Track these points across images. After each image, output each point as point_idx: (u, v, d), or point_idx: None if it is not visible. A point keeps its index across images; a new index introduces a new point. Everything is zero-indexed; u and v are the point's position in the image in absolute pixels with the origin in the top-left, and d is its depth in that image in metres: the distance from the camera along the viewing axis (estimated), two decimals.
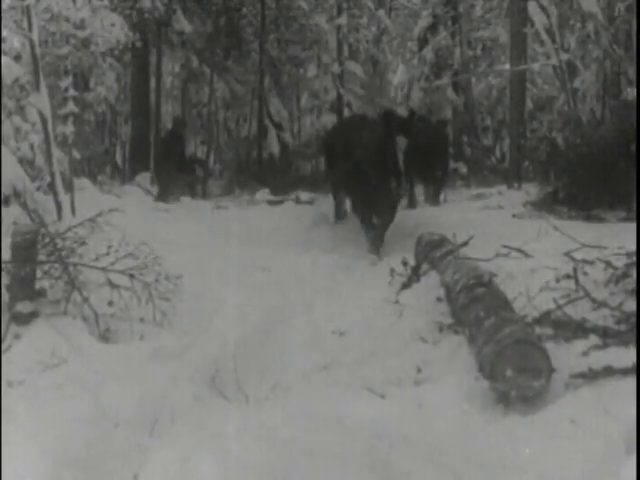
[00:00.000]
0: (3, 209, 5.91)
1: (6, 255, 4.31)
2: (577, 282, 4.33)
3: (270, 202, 11.93)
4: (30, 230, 4.40)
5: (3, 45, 8.48)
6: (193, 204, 12.98)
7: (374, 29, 18.81)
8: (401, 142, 6.96)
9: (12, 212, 6.10)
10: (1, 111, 7.05)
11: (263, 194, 13.16)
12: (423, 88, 17.95)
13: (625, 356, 3.40)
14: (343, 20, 16.94)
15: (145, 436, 3.08)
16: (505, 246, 5.28)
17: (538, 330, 3.80)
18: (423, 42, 18.55)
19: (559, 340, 3.76)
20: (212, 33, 16.97)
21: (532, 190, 10.20)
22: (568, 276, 4.46)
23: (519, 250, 5.24)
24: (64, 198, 7.33)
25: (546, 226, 5.51)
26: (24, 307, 4.16)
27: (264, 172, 15.87)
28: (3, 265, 4.29)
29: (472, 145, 18.17)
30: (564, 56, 13.20)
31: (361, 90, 17.20)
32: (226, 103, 18.64)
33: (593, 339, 3.72)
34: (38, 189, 7.22)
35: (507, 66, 15.15)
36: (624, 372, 3.25)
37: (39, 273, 4.43)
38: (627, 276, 4.37)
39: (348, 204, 8.33)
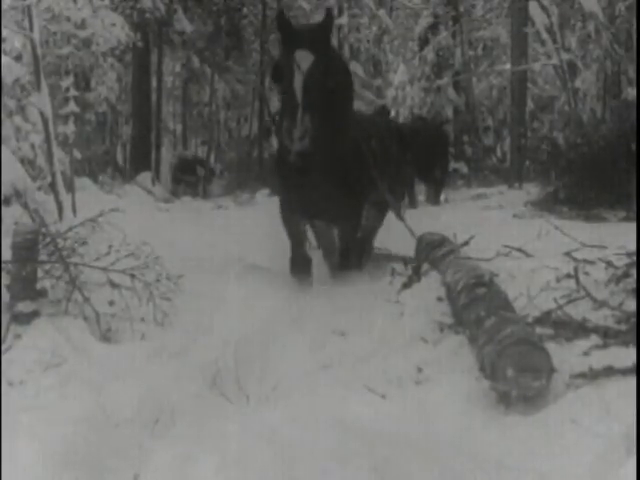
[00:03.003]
0: (4, 209, 5.93)
1: (7, 255, 4.31)
2: (578, 282, 4.33)
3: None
4: (31, 230, 4.41)
5: (4, 45, 8.51)
6: (194, 204, 12.99)
7: (375, 29, 18.84)
8: (303, 59, 4.54)
9: (13, 212, 6.11)
10: (2, 111, 7.06)
11: (263, 194, 13.19)
12: (424, 88, 17.97)
13: (626, 356, 3.40)
14: (344, 20, 16.98)
15: (146, 436, 3.09)
16: (506, 246, 5.29)
17: (539, 330, 3.80)
18: (424, 42, 18.60)
19: (560, 340, 3.76)
20: (213, 33, 17.03)
21: (533, 190, 10.23)
22: (569, 276, 4.46)
23: (520, 250, 5.24)
24: (65, 198, 7.36)
25: (547, 226, 5.51)
26: (25, 307, 4.16)
27: (265, 172, 15.90)
28: (4, 265, 4.29)
29: (473, 145, 18.21)
30: (565, 56, 13.23)
31: (362, 90, 17.21)
32: (227, 103, 18.69)
33: (594, 339, 3.72)
34: (39, 189, 7.24)
35: (508, 66, 15.20)
36: (625, 372, 3.25)
37: (40, 273, 4.43)
38: (628, 276, 4.37)
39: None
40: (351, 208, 5.16)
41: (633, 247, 4.48)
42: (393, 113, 16.70)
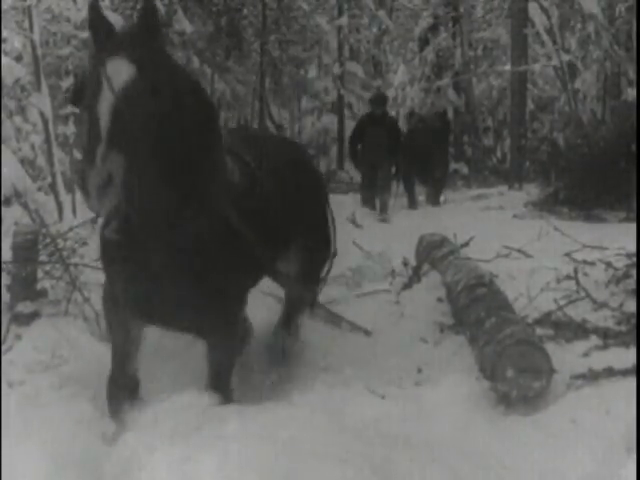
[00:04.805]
0: (4, 209, 5.92)
1: (7, 255, 4.31)
2: (578, 283, 4.33)
3: None
4: (31, 230, 4.41)
5: (4, 45, 8.49)
6: None
7: (375, 30, 18.86)
8: (117, 71, 2.75)
9: (13, 212, 6.11)
10: (2, 111, 7.06)
11: None
12: (424, 88, 17.97)
13: (626, 357, 3.41)
14: (344, 21, 16.99)
15: (145, 436, 3.08)
16: (506, 247, 5.30)
17: (539, 331, 3.80)
18: (424, 43, 18.59)
19: (560, 341, 3.77)
20: (213, 33, 17.01)
21: (533, 190, 10.22)
22: (569, 277, 4.47)
23: (520, 251, 5.25)
24: (65, 198, 7.34)
25: (547, 227, 5.51)
26: (25, 307, 4.17)
27: None
28: (4, 265, 4.29)
29: (473, 145, 18.21)
30: (565, 57, 13.23)
31: (362, 90, 17.21)
32: (227, 103, 18.67)
33: (594, 340, 3.72)
34: (39, 189, 7.22)
35: (508, 67, 15.18)
36: (624, 373, 3.25)
37: (40, 273, 4.43)
38: (628, 277, 4.38)
39: None
40: (217, 314, 3.18)
41: (633, 248, 4.48)
42: (393, 113, 16.69)
